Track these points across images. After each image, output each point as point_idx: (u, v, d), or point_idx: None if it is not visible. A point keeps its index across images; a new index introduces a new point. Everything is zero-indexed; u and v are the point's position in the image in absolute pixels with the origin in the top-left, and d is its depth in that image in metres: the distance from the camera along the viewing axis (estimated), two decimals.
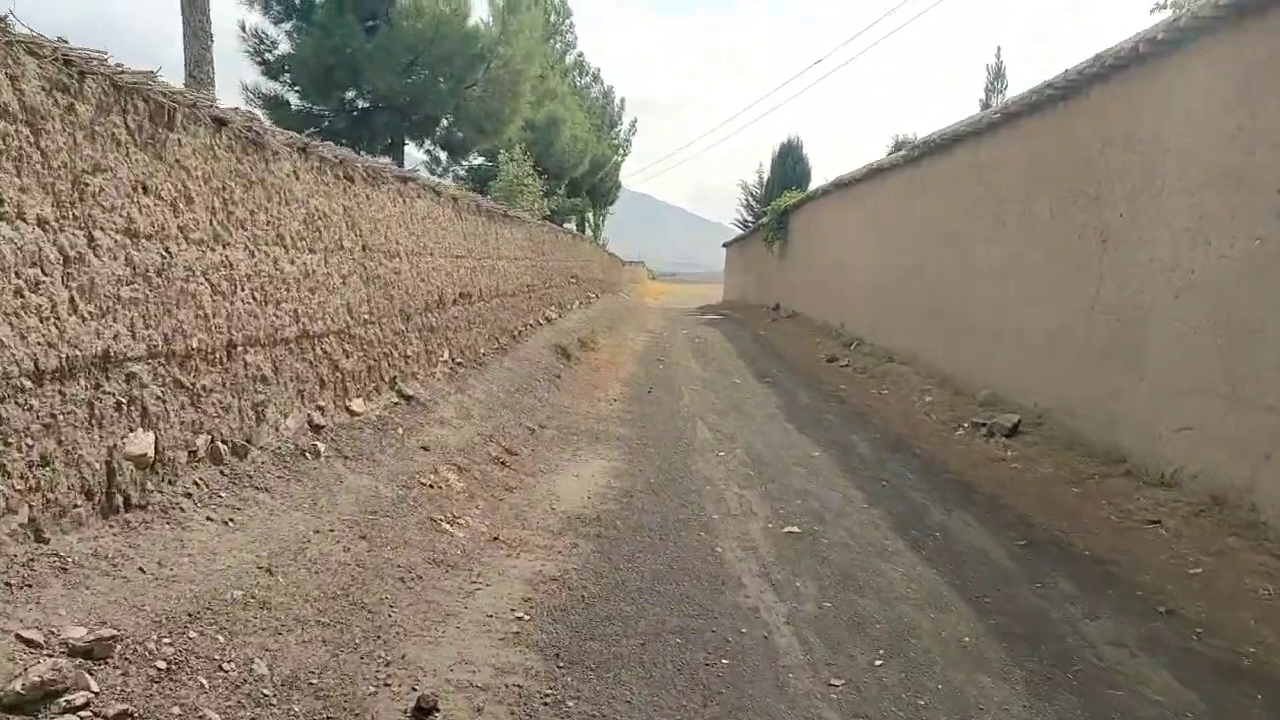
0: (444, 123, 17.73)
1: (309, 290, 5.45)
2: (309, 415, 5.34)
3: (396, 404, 6.65)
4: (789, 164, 35.59)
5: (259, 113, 6.70)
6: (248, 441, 4.65)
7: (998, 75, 26.06)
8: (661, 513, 5.86)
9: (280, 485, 4.55)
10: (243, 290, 4.65)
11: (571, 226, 30.24)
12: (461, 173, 21.79)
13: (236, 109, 4.77)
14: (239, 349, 4.61)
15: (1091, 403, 7.70)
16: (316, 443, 5.13)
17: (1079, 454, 7.39)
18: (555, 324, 15.72)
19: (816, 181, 29.30)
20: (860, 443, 8.56)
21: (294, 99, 16.66)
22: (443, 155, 20.05)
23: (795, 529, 5.59)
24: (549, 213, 20.29)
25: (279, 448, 4.88)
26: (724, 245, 45.26)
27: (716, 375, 13.46)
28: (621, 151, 40.38)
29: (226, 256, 4.48)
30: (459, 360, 8.88)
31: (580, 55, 35.78)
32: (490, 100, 17.43)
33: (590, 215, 42.46)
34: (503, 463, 6.59)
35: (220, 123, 4.46)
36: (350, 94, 16.60)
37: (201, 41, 9.30)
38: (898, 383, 12.03)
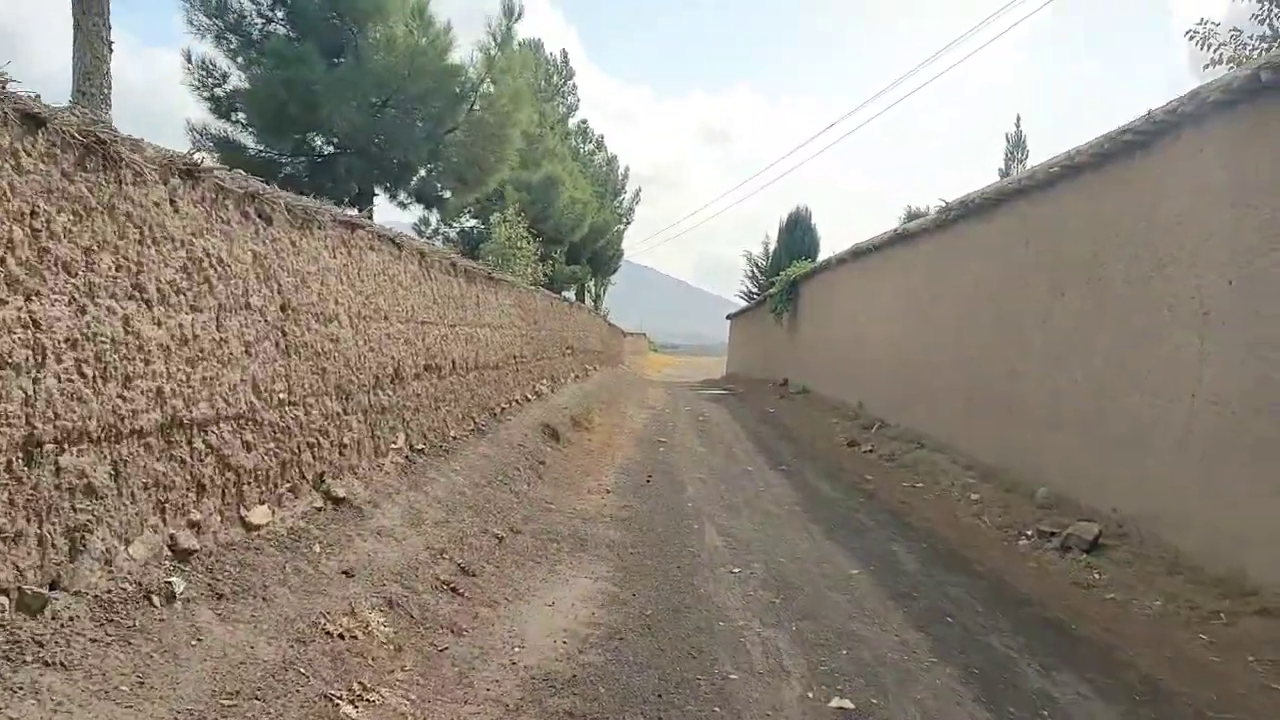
0: (420, 172, 15.65)
1: (186, 362, 4.00)
2: (170, 536, 3.84)
3: (319, 510, 5.15)
4: (797, 234, 34.60)
5: (209, 156, 5.44)
6: (51, 585, 3.15)
7: (1018, 144, 25.19)
8: (660, 669, 4.31)
9: (92, 655, 3.03)
10: (59, 362, 3.21)
11: (570, 295, 29.04)
12: (453, 235, 20.62)
13: (75, 108, 3.41)
14: (45, 448, 3.14)
15: (1198, 514, 6.18)
16: (173, 579, 3.62)
17: (1189, 580, 5.85)
18: (546, 399, 14.26)
19: (825, 254, 28.19)
20: (905, 555, 7.01)
21: (250, 141, 14.76)
22: (432, 216, 18.87)
23: (847, 703, 4.04)
24: (544, 279, 19.03)
25: (108, 590, 3.38)
26: (728, 317, 44.12)
27: (724, 461, 11.94)
28: (624, 220, 39.53)
29: (28, 313, 3.05)
30: (420, 447, 7.39)
31: (584, 122, 35.26)
32: (473, 146, 15.47)
33: (591, 284, 41.43)
34: (454, 589, 5.05)
35: (32, 120, 3.08)
36: (312, 136, 14.69)
37: (96, 50, 7.95)
38: (933, 474, 10.51)
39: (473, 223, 20.45)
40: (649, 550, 6.73)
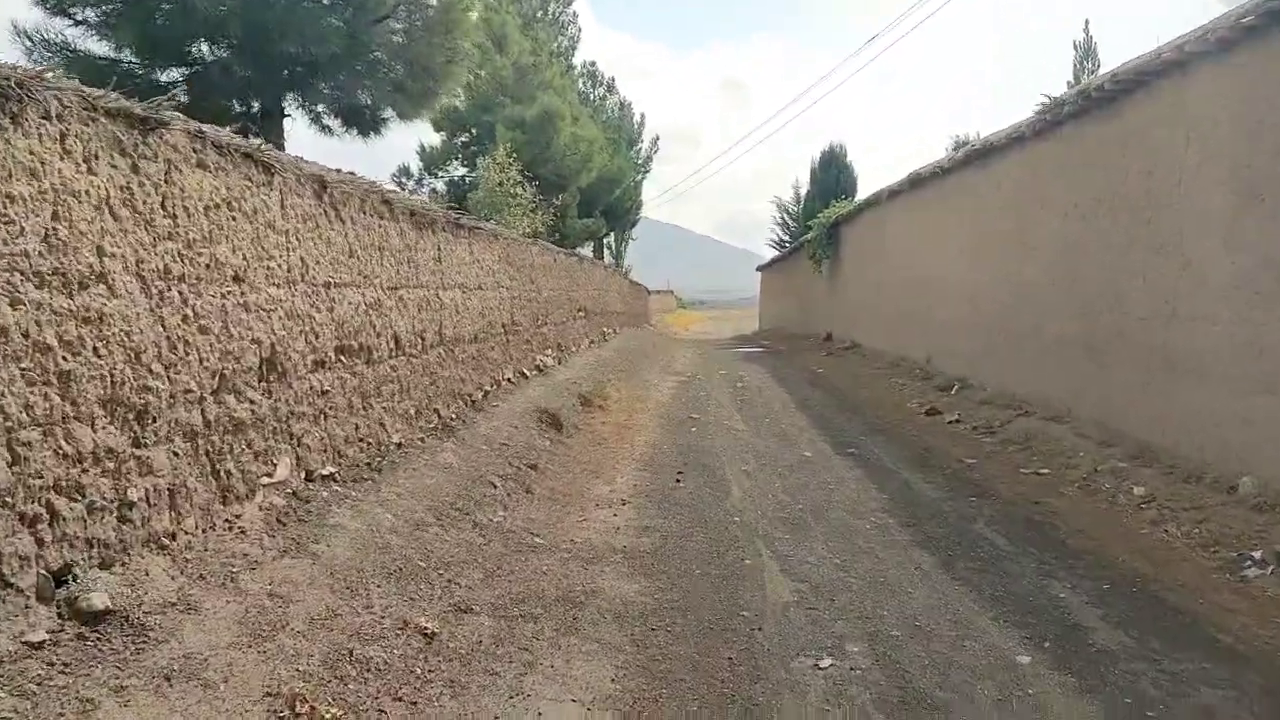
0: (340, 76, 11.31)
1: None
2: None
3: (38, 646, 2.68)
4: (832, 174, 31.56)
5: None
6: None
7: (1088, 53, 22.02)
8: None
9: None
10: None
11: (586, 251, 26.43)
12: (440, 187, 18.08)
13: None
14: None
15: None
16: None
17: None
18: (551, 374, 11.77)
19: (865, 193, 25.23)
20: (1084, 610, 4.45)
21: (103, 47, 10.58)
22: (413, 166, 16.23)
23: None
24: (547, 231, 16.45)
25: None
26: (758, 269, 41.33)
27: (775, 443, 9.39)
28: (642, 170, 36.63)
29: None
30: (326, 471, 4.93)
31: (592, 63, 32.32)
32: (415, 43, 11.80)
33: (611, 240, 38.76)
34: None
35: None
36: (191, 41, 10.71)
37: None
38: (1058, 455, 7.90)
39: (461, 171, 17.94)
40: (680, 622, 4.25)
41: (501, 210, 13.30)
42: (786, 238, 38.53)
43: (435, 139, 20.67)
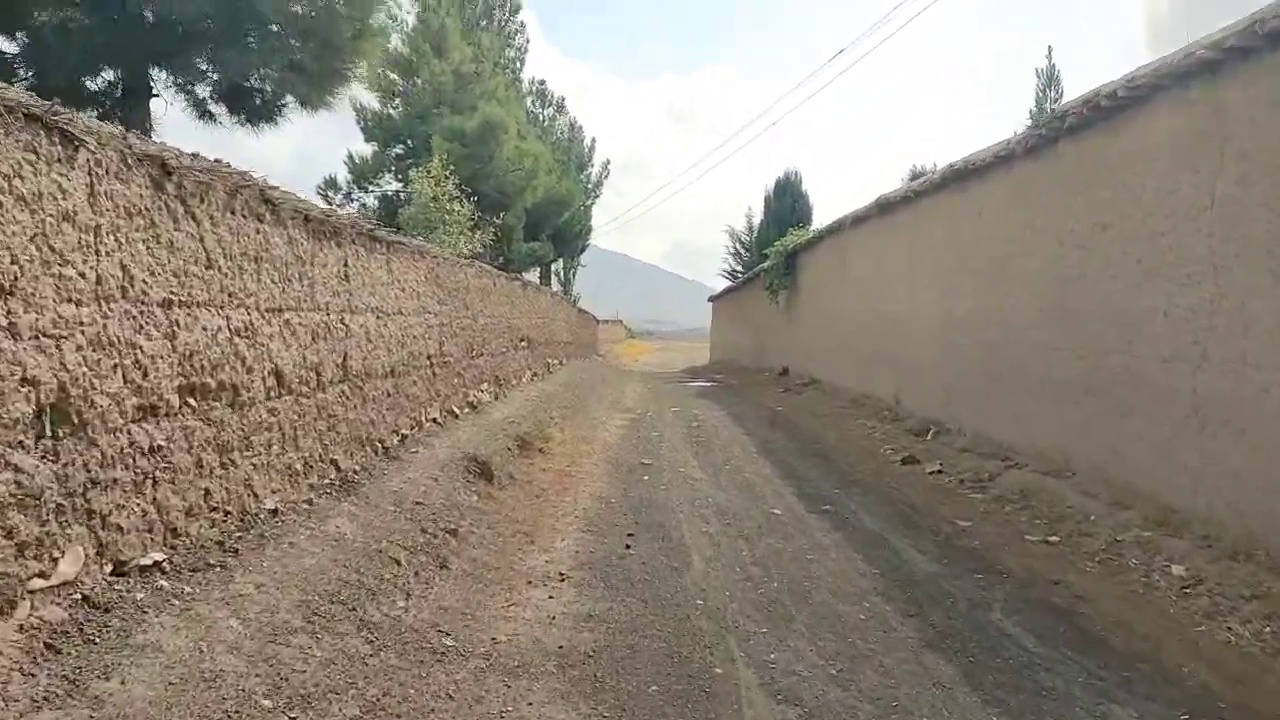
0: (225, 51, 9.31)
1: None
2: None
3: None
4: (787, 202, 30.84)
5: None
6: None
7: (1050, 80, 21.59)
8: None
9: None
10: None
11: (532, 278, 25.19)
12: (370, 201, 16.71)
13: None
14: None
15: None
16: None
17: None
18: (486, 411, 10.49)
19: (820, 221, 24.45)
20: None
21: None
22: (340, 177, 14.79)
23: None
24: (488, 251, 15.18)
25: None
26: (709, 299, 40.48)
27: (739, 496, 8.24)
28: (592, 195, 35.56)
29: None
30: (154, 560, 3.62)
31: (541, 82, 31.24)
32: (317, 14, 10.08)
33: (559, 267, 37.56)
34: None
35: None
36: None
37: None
38: (1062, 517, 6.89)
39: (395, 186, 16.61)
40: None
41: (436, 228, 12.05)
42: (739, 268, 37.78)
43: (366, 149, 19.35)
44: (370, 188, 18.25)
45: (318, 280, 5.68)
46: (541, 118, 30.65)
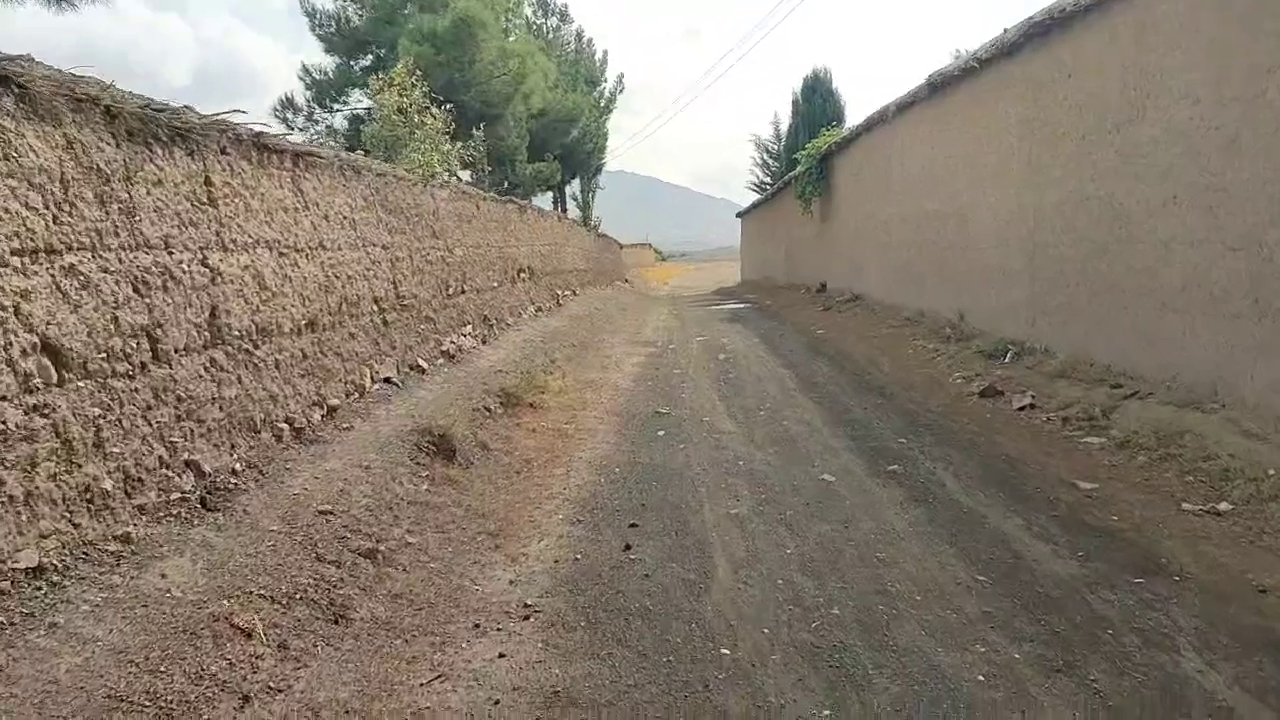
0: None
1: None
2: None
3: None
4: (816, 102, 28.15)
5: None
6: None
7: None
8: None
9: None
10: None
11: (543, 202, 23.17)
12: (338, 123, 14.75)
13: None
14: None
15: None
16: None
17: None
18: (466, 360, 8.73)
19: (854, 121, 21.95)
20: None
21: None
22: (301, 97, 12.76)
23: None
24: (483, 173, 13.22)
25: None
26: (738, 215, 38.11)
27: (777, 456, 6.42)
28: (605, 111, 33.03)
29: None
30: None
31: None
32: None
33: (577, 189, 35.33)
34: None
35: None
36: None
37: None
38: (1231, 473, 4.98)
39: (367, 104, 14.63)
40: None
41: (405, 145, 10.16)
42: (768, 179, 35.30)
43: (327, 62, 17.12)
44: (335, 106, 16.26)
45: (144, 205, 3.86)
46: (544, 28, 28.09)
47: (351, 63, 16.79)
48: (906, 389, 8.63)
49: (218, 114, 4.73)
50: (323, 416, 5.47)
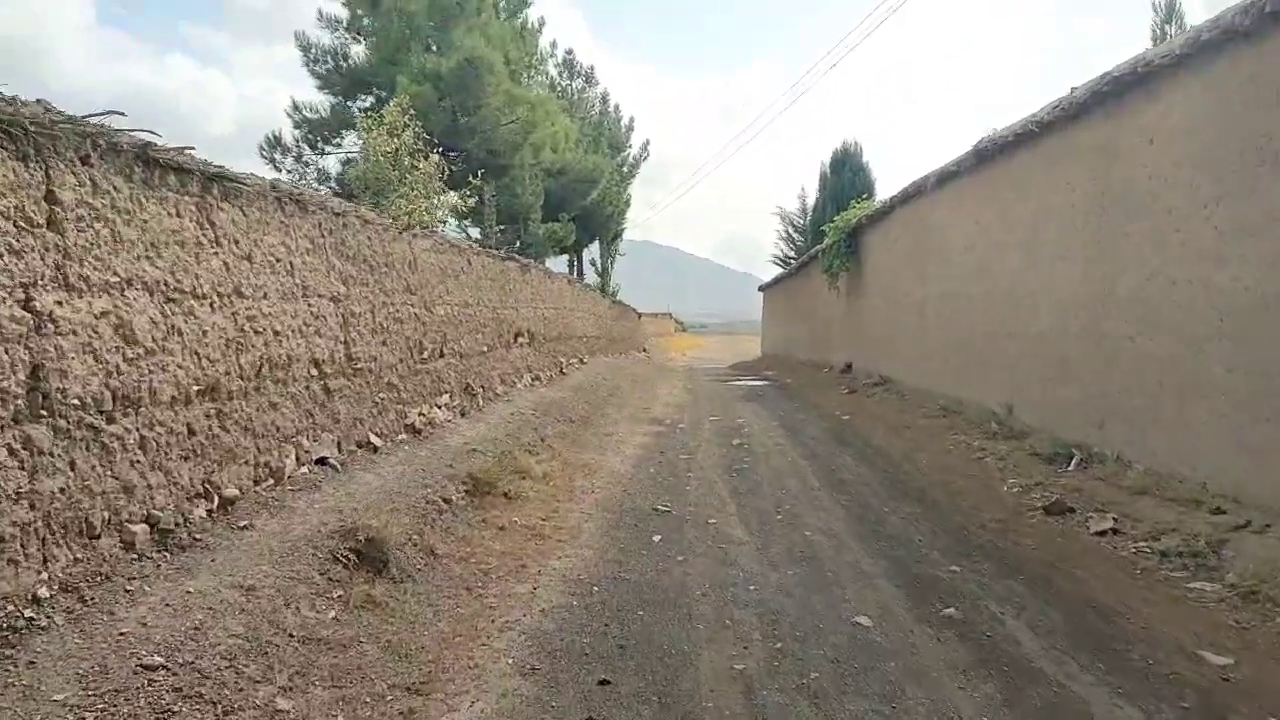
0: None
1: None
2: None
3: None
4: (846, 176, 27.26)
5: None
6: None
7: (1170, 15, 17.98)
8: None
9: None
10: None
11: (557, 266, 22.20)
12: (331, 166, 13.82)
13: None
14: None
15: None
16: None
17: None
18: (435, 436, 7.51)
19: (885, 197, 20.93)
20: None
21: None
22: (293, 137, 11.81)
23: None
24: (467, 221, 12.14)
25: None
26: (760, 289, 37.09)
27: (800, 584, 5.08)
28: (629, 177, 32.32)
29: None
30: None
31: (569, 51, 28.12)
32: None
33: (597, 255, 34.46)
34: None
35: None
36: None
37: None
38: None
39: (359, 145, 13.72)
40: None
41: (393, 189, 9.15)
42: (792, 254, 34.36)
43: (322, 100, 16.24)
44: (328, 148, 15.38)
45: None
46: (569, 90, 27.56)
47: (349, 103, 15.93)
48: (951, 496, 7.29)
49: (88, 115, 3.63)
50: (210, 512, 4.24)
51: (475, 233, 19.28)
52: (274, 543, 4.29)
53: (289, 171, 15.05)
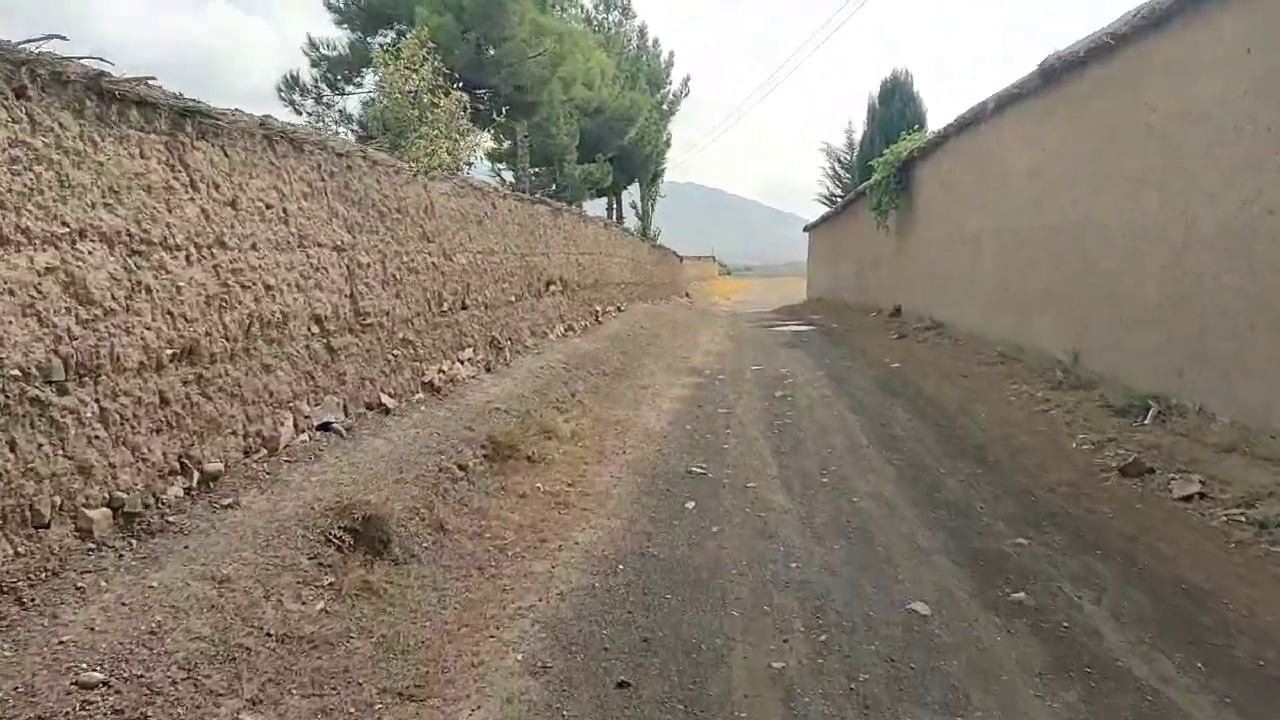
0: None
1: None
2: None
3: None
4: (895, 106, 25.98)
5: None
6: None
7: None
8: None
9: None
10: None
11: (595, 209, 21.54)
12: (353, 108, 13.24)
13: None
14: None
15: None
16: None
17: None
18: (456, 394, 7.08)
19: (937, 128, 19.79)
20: None
21: None
22: (311, 77, 11.23)
23: None
24: (524, 176, 11.57)
25: None
26: (805, 229, 36.01)
27: (848, 564, 4.56)
28: (668, 114, 31.26)
29: None
30: None
31: None
32: None
33: (637, 198, 33.66)
34: None
35: None
36: None
37: None
38: None
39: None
40: None
41: (415, 128, 8.60)
42: (839, 192, 33.20)
43: (340, 36, 15.51)
44: (349, 88, 14.75)
45: None
46: (605, 23, 26.50)
47: (369, 39, 15.21)
48: (1014, 454, 6.68)
49: (26, 41, 3.15)
50: (188, 490, 3.84)
51: (509, 176, 18.68)
52: (260, 523, 3.88)
53: (309, 114, 14.56)
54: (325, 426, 5.10)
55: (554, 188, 18.15)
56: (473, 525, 4.85)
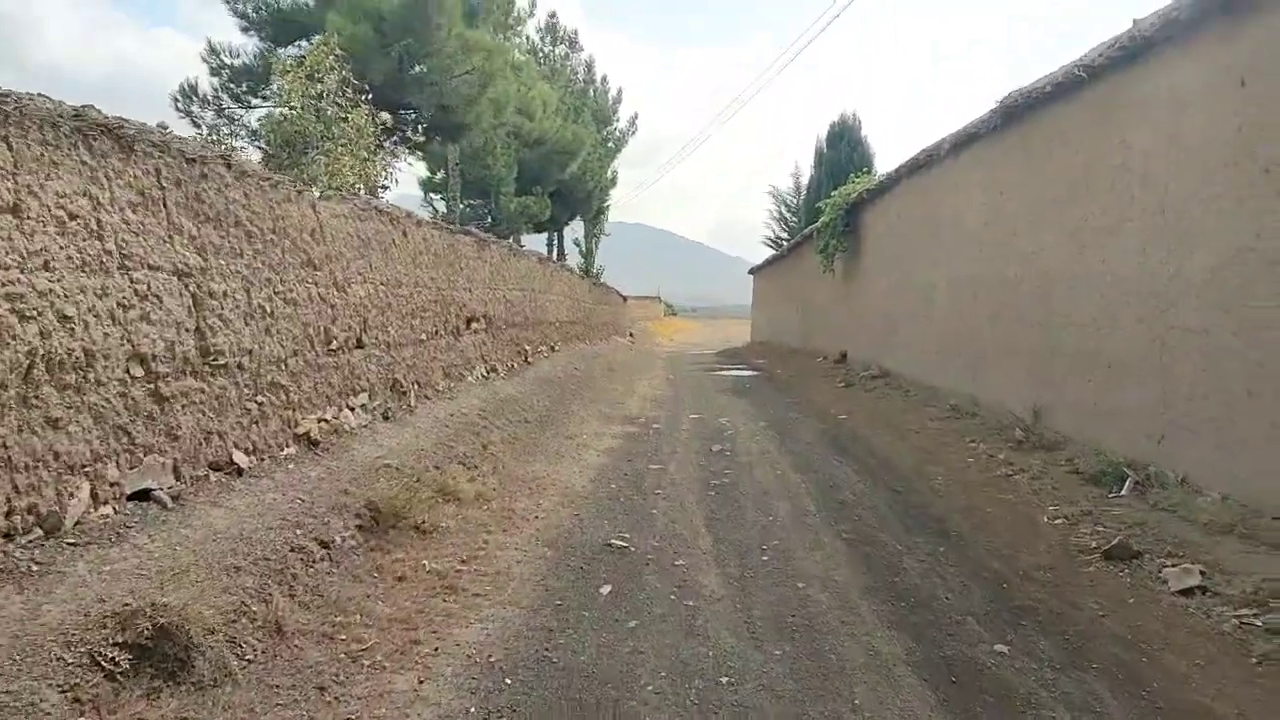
0: None
1: None
2: None
3: None
4: (843, 150, 25.70)
5: None
6: None
7: None
8: None
9: None
10: None
11: (533, 244, 20.65)
12: (253, 122, 12.24)
13: None
14: None
15: None
16: None
17: None
18: (338, 449, 6.06)
19: (885, 170, 19.37)
20: None
21: None
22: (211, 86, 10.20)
23: None
24: (462, 208, 10.62)
25: None
26: (750, 271, 35.63)
27: (788, 670, 3.67)
28: (615, 151, 30.62)
29: None
30: None
31: (551, 15, 26.36)
32: None
33: (581, 233, 32.90)
34: None
35: None
36: None
37: None
38: None
39: (299, 103, 12.13)
40: None
41: (317, 144, 7.62)
42: (784, 235, 32.90)
43: (246, 43, 14.40)
44: (254, 100, 13.64)
45: None
46: (552, 56, 25.79)
47: (278, 48, 14.05)
48: (979, 528, 5.88)
49: None
50: None
51: (443, 207, 17.73)
52: (1, 639, 2.84)
53: (208, 127, 13.43)
54: (144, 495, 4.06)
55: (489, 220, 17.24)
56: (324, 624, 3.84)
